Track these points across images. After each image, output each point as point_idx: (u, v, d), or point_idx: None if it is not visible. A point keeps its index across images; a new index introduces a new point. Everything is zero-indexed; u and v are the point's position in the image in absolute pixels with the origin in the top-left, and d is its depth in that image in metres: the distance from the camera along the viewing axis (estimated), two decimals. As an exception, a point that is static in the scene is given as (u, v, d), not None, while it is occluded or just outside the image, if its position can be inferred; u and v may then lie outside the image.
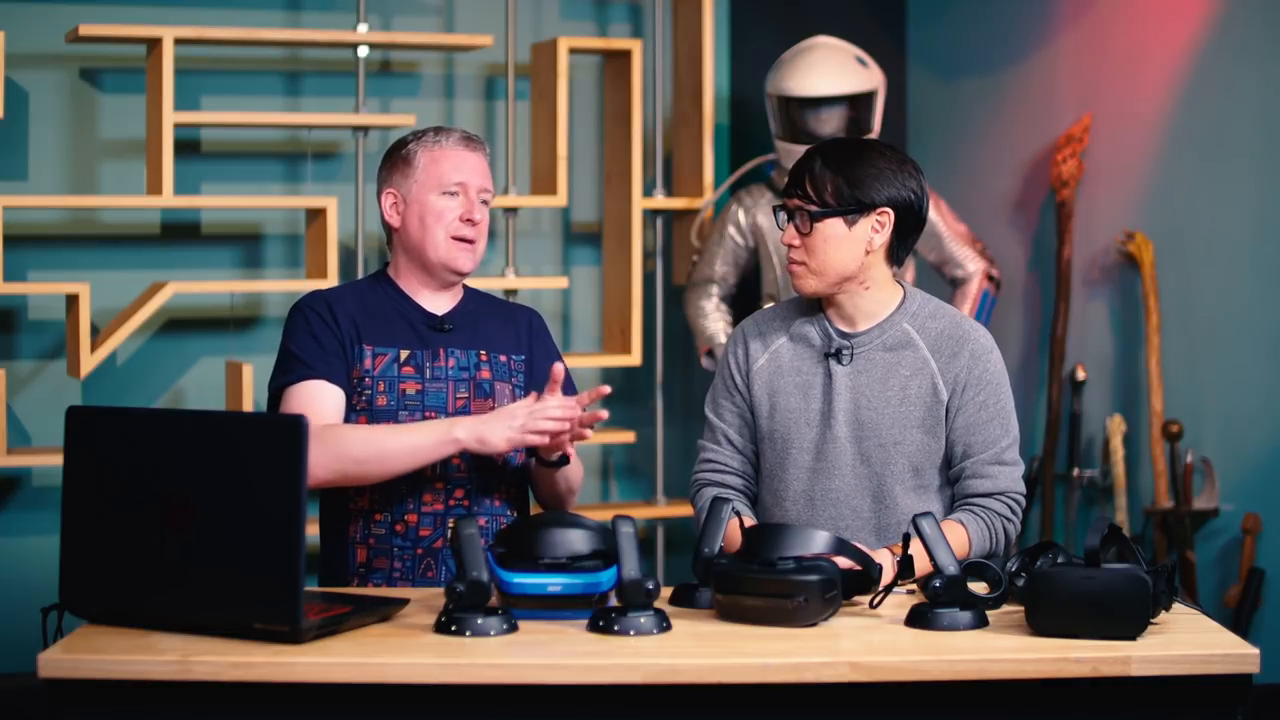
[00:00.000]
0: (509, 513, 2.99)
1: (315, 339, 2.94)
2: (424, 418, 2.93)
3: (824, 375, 2.95)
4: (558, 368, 2.88)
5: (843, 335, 2.96)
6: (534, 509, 3.13)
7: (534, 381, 3.04)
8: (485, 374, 2.99)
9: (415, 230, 2.98)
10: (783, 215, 2.94)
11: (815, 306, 3.00)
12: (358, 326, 2.96)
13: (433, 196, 2.96)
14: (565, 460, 2.94)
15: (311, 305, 2.98)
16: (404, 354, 2.96)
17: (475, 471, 2.96)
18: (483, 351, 3.00)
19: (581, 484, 3.10)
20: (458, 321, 3.02)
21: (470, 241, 2.97)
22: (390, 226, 3.02)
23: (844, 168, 2.88)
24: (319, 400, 2.90)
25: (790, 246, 2.92)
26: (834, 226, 2.88)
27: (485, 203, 3.00)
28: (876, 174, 2.88)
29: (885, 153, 2.92)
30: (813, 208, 2.88)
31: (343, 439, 2.83)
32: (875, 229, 2.90)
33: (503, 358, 3.02)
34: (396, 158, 3.01)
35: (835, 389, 2.93)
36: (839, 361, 2.94)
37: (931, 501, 2.94)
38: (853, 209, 2.88)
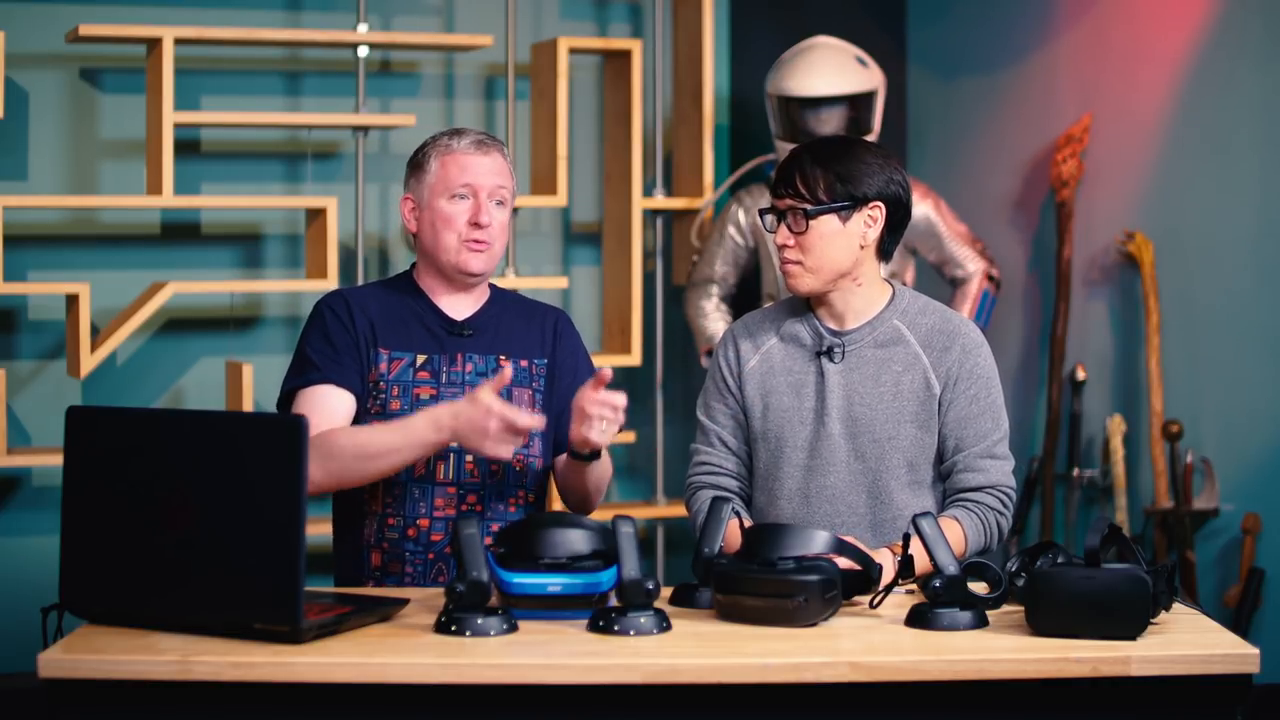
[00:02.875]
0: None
1: (329, 341, 2.94)
2: None
3: (816, 373, 2.96)
4: (605, 373, 2.80)
5: (833, 333, 2.97)
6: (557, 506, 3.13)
7: (555, 385, 3.03)
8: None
9: (429, 235, 2.97)
10: (770, 217, 2.94)
11: (805, 306, 3.01)
12: (375, 329, 2.96)
13: (442, 201, 2.95)
14: (597, 455, 2.91)
15: (331, 305, 2.98)
16: (420, 358, 2.96)
17: (489, 476, 2.96)
18: (502, 356, 3.00)
19: (608, 485, 3.07)
20: (479, 325, 3.01)
21: (483, 244, 2.96)
22: (410, 232, 3.03)
23: (834, 164, 2.89)
24: (326, 405, 2.89)
25: (784, 247, 2.92)
26: (829, 223, 2.89)
27: (502, 203, 2.97)
28: (866, 169, 2.89)
29: (870, 148, 2.94)
30: (807, 205, 2.89)
31: (332, 443, 2.83)
32: (868, 224, 2.91)
33: (523, 362, 3.01)
34: (413, 163, 3.01)
35: (828, 386, 2.94)
36: (831, 359, 2.95)
37: (926, 496, 2.95)
38: (846, 204, 2.89)
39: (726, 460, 3.03)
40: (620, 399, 2.81)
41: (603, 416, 2.81)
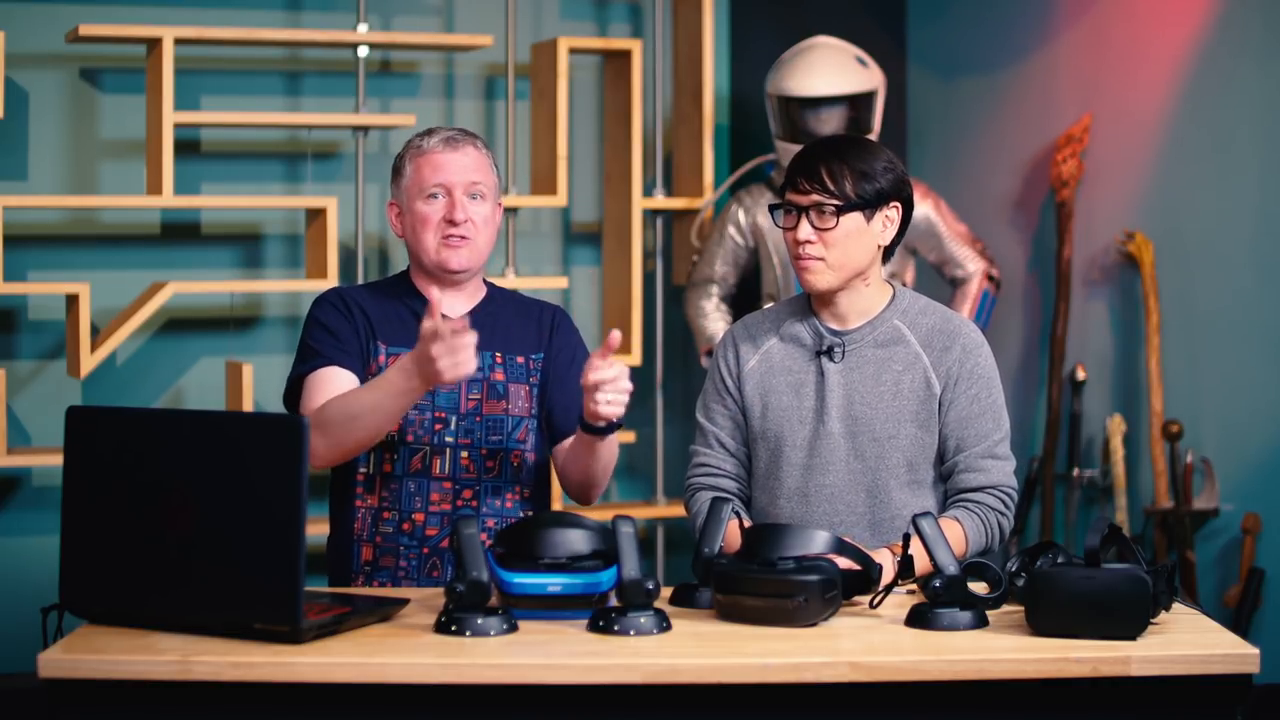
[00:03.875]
0: (520, 514, 2.99)
1: (329, 331, 2.96)
2: (434, 417, 2.94)
3: (816, 373, 2.96)
4: (614, 336, 2.75)
5: (834, 333, 2.97)
6: (556, 504, 3.12)
7: (549, 377, 3.03)
8: (499, 375, 2.98)
9: (411, 238, 2.99)
10: (780, 213, 2.93)
11: (805, 306, 3.01)
12: (373, 324, 2.97)
13: (418, 203, 2.96)
14: (611, 428, 2.86)
15: (329, 299, 3.01)
16: None
17: (485, 472, 2.97)
18: (498, 354, 3.00)
19: (613, 468, 3.00)
20: (475, 323, 3.00)
21: (461, 239, 2.96)
22: (398, 236, 3.04)
23: (858, 162, 2.89)
24: (331, 385, 2.90)
25: (806, 243, 2.90)
26: (854, 220, 2.89)
27: (479, 196, 2.97)
28: (883, 168, 2.90)
29: (881, 148, 2.95)
30: (836, 202, 2.88)
31: (323, 412, 2.83)
32: (886, 223, 2.92)
33: (519, 359, 3.01)
34: (393, 169, 3.03)
35: (828, 386, 2.94)
36: (831, 359, 2.95)
37: (926, 496, 2.95)
38: (871, 202, 2.89)
39: (725, 462, 3.03)
40: (618, 369, 2.76)
41: (604, 387, 2.76)
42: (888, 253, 2.97)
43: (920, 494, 2.94)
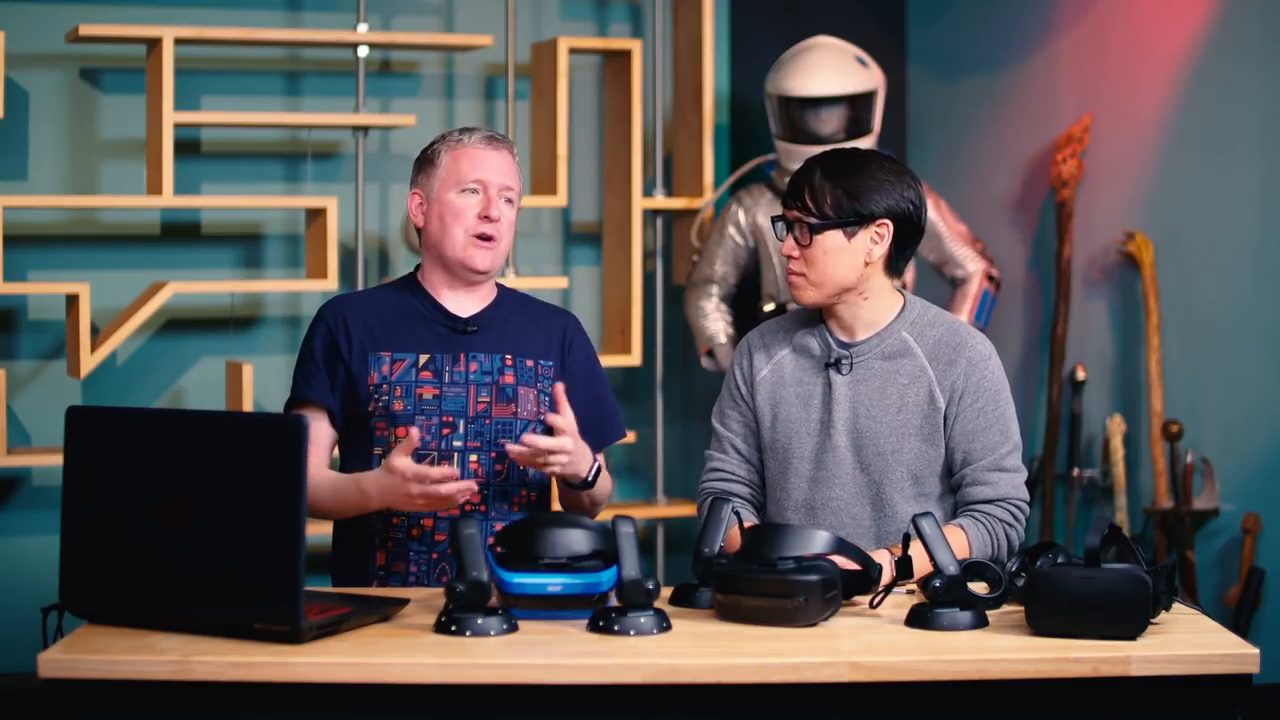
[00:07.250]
0: None
1: (314, 357, 2.98)
2: (441, 421, 2.93)
3: (824, 385, 2.96)
4: (558, 389, 2.89)
5: (842, 345, 2.96)
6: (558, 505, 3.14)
7: (569, 391, 3.02)
8: (509, 379, 2.97)
9: (436, 229, 2.97)
10: (781, 226, 2.94)
11: (817, 317, 3.01)
12: (373, 335, 2.96)
13: (452, 194, 2.95)
14: (590, 483, 2.95)
15: (326, 318, 3.00)
16: (423, 359, 2.96)
17: (493, 477, 2.96)
18: (508, 355, 2.99)
19: (608, 497, 3.09)
20: (484, 323, 3.00)
21: (490, 239, 2.96)
22: (416, 227, 3.03)
23: (843, 179, 2.88)
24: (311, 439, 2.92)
25: (790, 258, 2.92)
26: (833, 238, 2.89)
27: (510, 201, 2.98)
28: (875, 185, 2.88)
29: (884, 163, 2.93)
30: (812, 220, 2.89)
31: None
32: (874, 240, 2.90)
33: (529, 362, 3.00)
34: (423, 159, 3.01)
35: (835, 399, 2.94)
36: (838, 371, 2.95)
37: (932, 509, 2.93)
38: (852, 220, 2.88)
39: (739, 467, 3.04)
40: (561, 441, 2.84)
41: (539, 461, 2.85)
42: (896, 269, 2.96)
43: (925, 506, 2.93)
